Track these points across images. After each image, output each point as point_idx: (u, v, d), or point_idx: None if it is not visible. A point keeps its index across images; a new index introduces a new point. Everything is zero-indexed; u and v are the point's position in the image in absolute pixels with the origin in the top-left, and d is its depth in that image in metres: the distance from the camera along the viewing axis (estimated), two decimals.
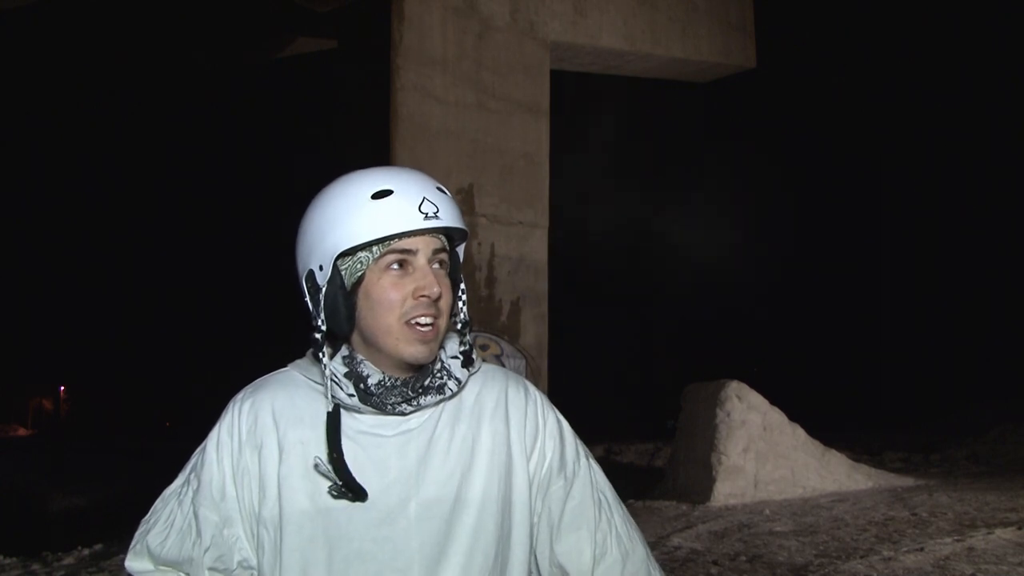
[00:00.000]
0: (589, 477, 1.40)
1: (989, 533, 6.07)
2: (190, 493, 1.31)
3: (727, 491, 8.23)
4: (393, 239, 1.24)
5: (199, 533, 1.28)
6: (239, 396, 1.35)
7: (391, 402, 1.27)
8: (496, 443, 1.33)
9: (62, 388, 46.36)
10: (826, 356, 31.81)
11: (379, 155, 7.04)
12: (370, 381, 1.27)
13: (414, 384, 1.28)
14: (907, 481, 9.17)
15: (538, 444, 1.37)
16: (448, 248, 1.31)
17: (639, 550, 1.40)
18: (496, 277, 7.43)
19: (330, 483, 1.24)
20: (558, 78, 8.26)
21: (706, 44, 8.82)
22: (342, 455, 1.24)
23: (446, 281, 1.28)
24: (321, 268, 1.24)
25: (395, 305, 1.24)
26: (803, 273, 34.15)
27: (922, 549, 5.70)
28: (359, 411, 1.27)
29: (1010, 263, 28.21)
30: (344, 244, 1.22)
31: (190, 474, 1.33)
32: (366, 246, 1.24)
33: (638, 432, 18.08)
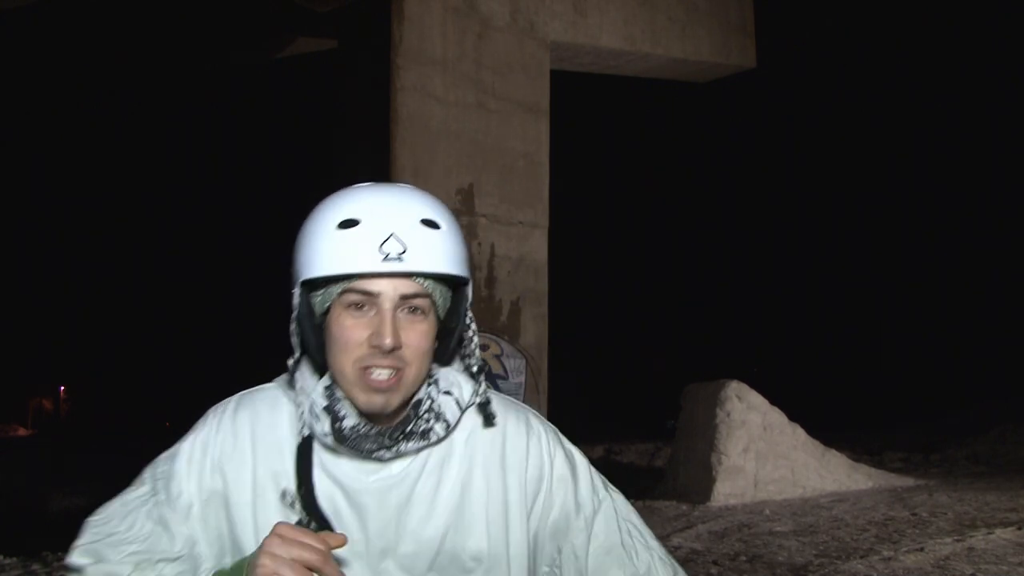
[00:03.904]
0: (612, 509, 1.28)
1: (989, 533, 6.07)
2: (155, 503, 1.20)
3: (727, 491, 8.23)
4: (355, 277, 1.12)
5: (173, 541, 1.18)
6: (220, 409, 1.26)
7: (366, 448, 1.15)
8: (491, 492, 1.21)
9: (62, 388, 46.39)
10: (826, 356, 31.82)
11: (379, 155, 7.04)
12: (345, 423, 1.16)
13: (392, 433, 1.16)
14: (907, 481, 9.18)
15: (543, 491, 1.25)
16: (428, 293, 1.15)
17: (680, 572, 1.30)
18: (496, 277, 7.43)
19: (298, 519, 1.14)
20: (558, 78, 8.26)
21: (706, 44, 8.82)
22: (312, 490, 1.15)
23: (420, 328, 1.14)
24: (294, 293, 1.17)
25: (350, 348, 1.13)
26: (803, 273, 34.16)
27: (922, 549, 5.70)
28: (336, 452, 1.18)
29: (1010, 263, 28.22)
30: (305, 274, 1.14)
31: (158, 482, 1.22)
32: (332, 279, 1.13)
33: (638, 432, 18.08)
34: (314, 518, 1.14)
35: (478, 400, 1.22)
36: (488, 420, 1.22)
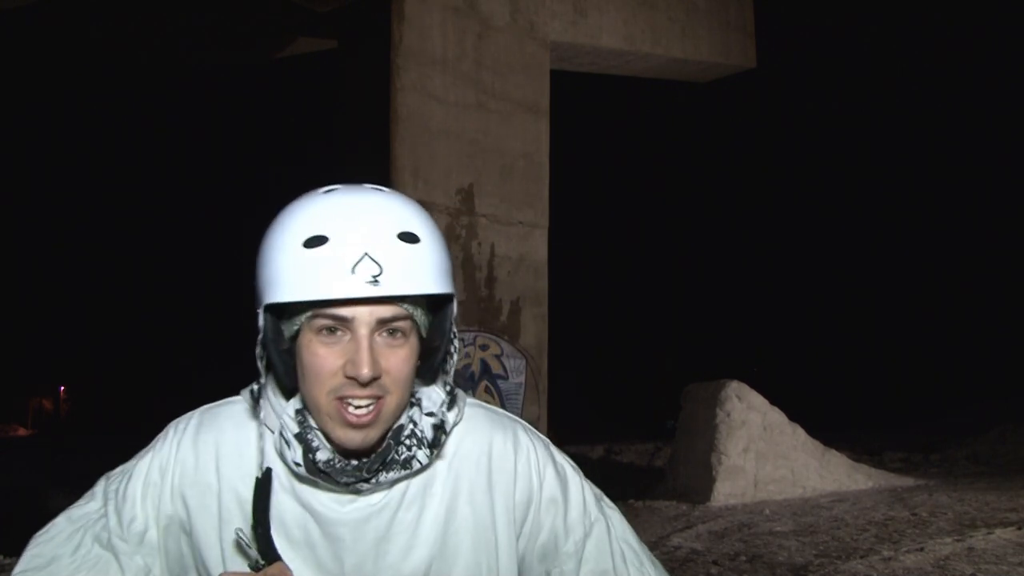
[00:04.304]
0: (605, 531, 1.20)
1: (989, 533, 6.07)
2: (103, 527, 1.15)
3: (727, 491, 8.23)
4: (325, 302, 1.01)
5: (123, 572, 1.13)
6: (181, 426, 1.17)
7: (343, 481, 1.07)
8: (478, 518, 1.13)
9: (62, 388, 46.41)
10: (826, 356, 31.83)
11: (379, 155, 7.05)
12: (318, 456, 1.07)
13: (370, 466, 1.07)
14: (907, 481, 9.18)
15: (531, 512, 1.16)
16: (409, 315, 1.05)
17: None
18: (496, 277, 7.43)
19: (252, 561, 1.05)
20: (558, 78, 8.26)
21: (706, 44, 8.82)
22: (268, 530, 1.06)
23: (401, 352, 1.04)
24: (258, 314, 1.06)
25: (323, 378, 1.03)
26: (803, 272, 34.17)
27: (922, 549, 5.70)
28: (309, 483, 1.09)
29: (1009, 263, 28.24)
30: (269, 297, 1.02)
31: (109, 503, 1.15)
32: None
33: (638, 432, 18.09)
34: (269, 561, 1.05)
35: (434, 422, 1.11)
36: (433, 445, 1.11)
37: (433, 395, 1.13)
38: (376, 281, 0.99)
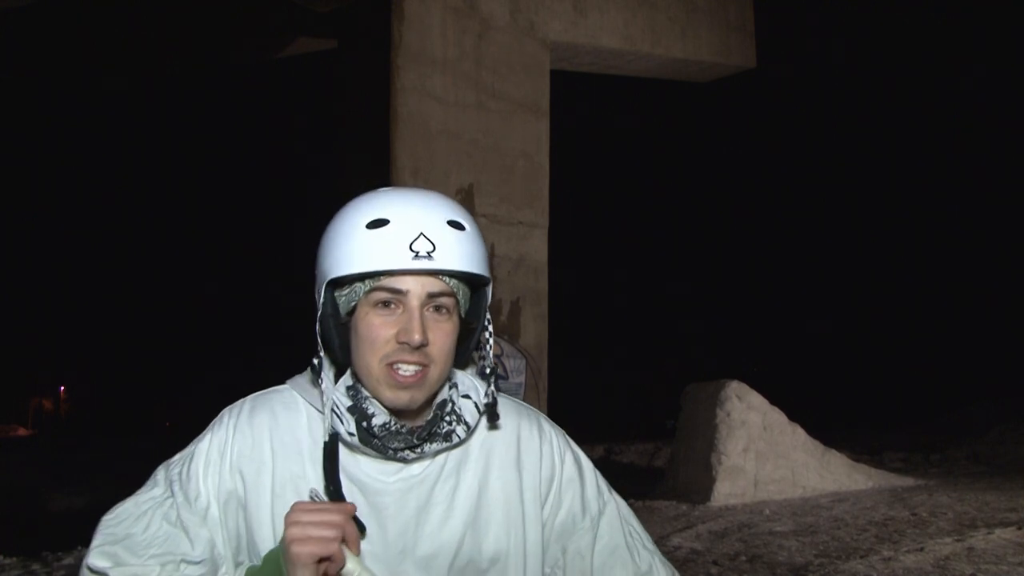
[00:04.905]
0: (616, 512, 1.33)
1: (989, 533, 6.07)
2: (171, 505, 1.21)
3: (727, 491, 8.24)
4: (383, 275, 1.15)
5: (192, 544, 1.19)
6: (235, 410, 1.26)
7: (393, 447, 1.18)
8: (508, 493, 1.24)
9: (62, 388, 46.41)
10: (826, 356, 31.82)
11: (379, 155, 7.04)
12: (374, 422, 1.18)
13: (420, 432, 1.19)
14: (907, 481, 9.18)
15: (553, 490, 1.29)
16: (453, 292, 1.18)
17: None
18: (496, 277, 7.42)
19: None
20: (558, 78, 8.26)
21: (706, 44, 8.82)
22: (339, 488, 1.16)
23: (445, 327, 1.17)
24: (319, 293, 1.19)
25: (377, 346, 1.15)
26: (803, 273, 34.15)
27: (922, 549, 5.70)
28: (359, 451, 1.19)
29: (1009, 263, 28.23)
30: (333, 273, 1.15)
31: (173, 484, 1.23)
32: (359, 277, 1.16)
33: (638, 432, 18.11)
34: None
35: (485, 401, 1.24)
36: (491, 420, 1.24)
37: (466, 380, 1.26)
38: (430, 256, 1.13)
